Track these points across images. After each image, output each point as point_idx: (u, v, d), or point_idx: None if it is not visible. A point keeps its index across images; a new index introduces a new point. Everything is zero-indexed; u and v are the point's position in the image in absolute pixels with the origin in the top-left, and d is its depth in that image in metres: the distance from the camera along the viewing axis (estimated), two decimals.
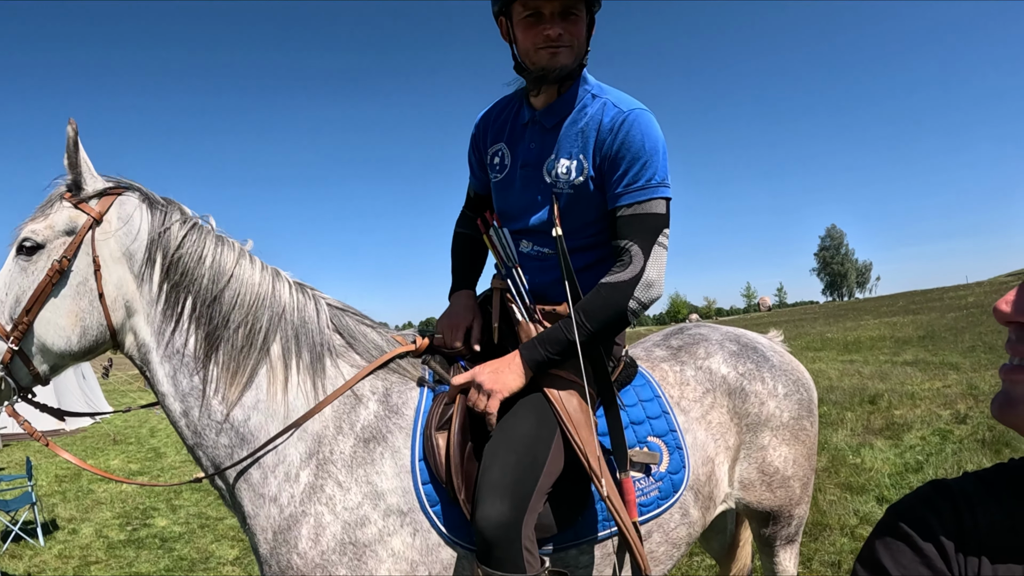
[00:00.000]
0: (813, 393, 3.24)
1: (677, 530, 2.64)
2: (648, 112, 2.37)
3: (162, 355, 2.33)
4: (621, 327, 2.39)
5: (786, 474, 3.00)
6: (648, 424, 2.65)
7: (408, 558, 2.20)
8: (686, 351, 3.06)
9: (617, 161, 2.32)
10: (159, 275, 2.34)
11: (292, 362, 2.39)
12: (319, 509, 2.20)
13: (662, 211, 2.33)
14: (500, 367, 2.31)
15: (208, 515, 8.41)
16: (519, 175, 2.52)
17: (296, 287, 2.52)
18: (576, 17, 2.30)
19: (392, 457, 2.30)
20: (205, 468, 2.36)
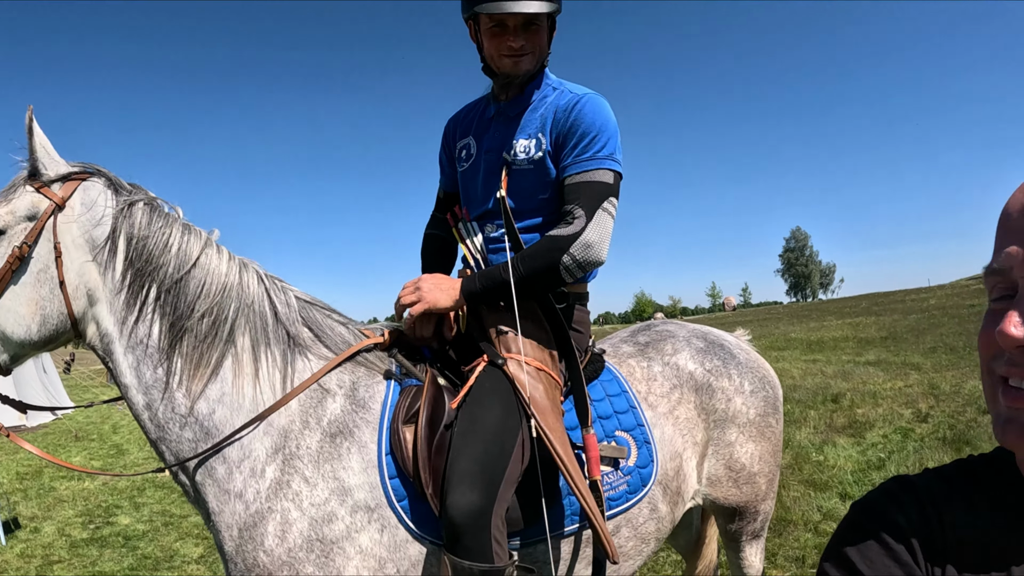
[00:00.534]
0: (778, 391, 3.28)
1: (646, 525, 2.65)
2: (601, 97, 2.55)
3: (125, 345, 2.27)
4: (554, 279, 2.43)
5: (752, 470, 3.03)
6: (616, 419, 2.67)
7: (376, 555, 2.18)
8: (653, 347, 3.08)
9: (570, 136, 2.47)
10: (122, 262, 2.28)
11: (259, 354, 2.35)
12: (285, 505, 2.16)
13: (609, 181, 2.45)
14: (441, 283, 2.47)
15: (172, 513, 8.31)
16: (483, 160, 2.66)
17: (264, 278, 2.47)
18: (537, 28, 2.48)
19: (359, 452, 2.28)
20: (168, 463, 2.30)
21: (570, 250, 2.37)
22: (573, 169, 2.46)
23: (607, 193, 2.44)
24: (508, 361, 2.42)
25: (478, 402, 2.32)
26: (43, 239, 2.24)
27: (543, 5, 2.40)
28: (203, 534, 7.41)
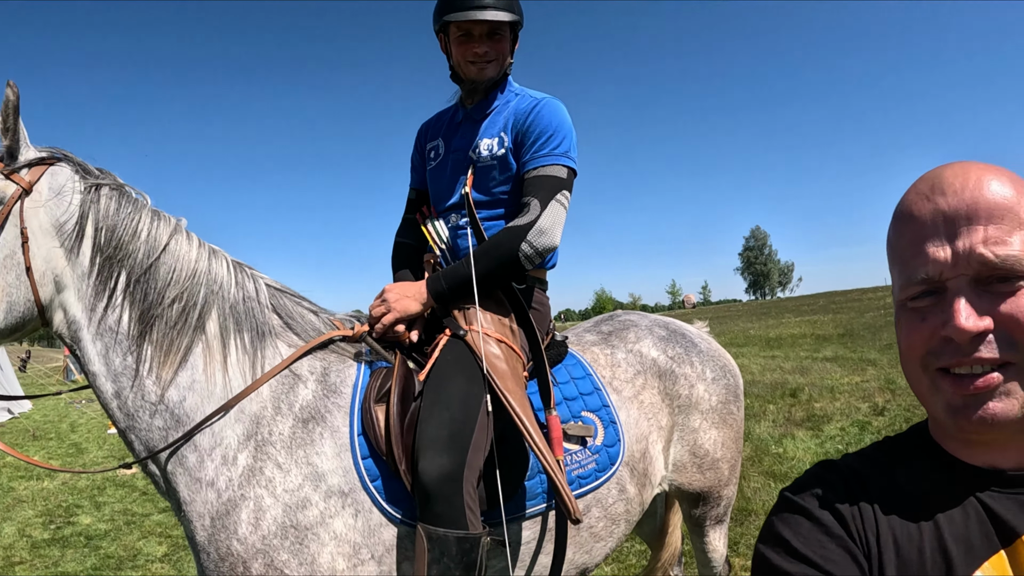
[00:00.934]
0: (739, 379, 3.38)
1: (615, 506, 2.71)
2: (559, 101, 2.77)
3: (94, 332, 2.25)
4: (514, 268, 2.57)
5: (715, 456, 3.10)
6: (581, 400, 2.75)
7: (350, 540, 2.18)
8: (616, 336, 3.17)
9: (529, 135, 2.67)
10: (91, 248, 2.26)
11: (229, 341, 2.34)
12: (259, 492, 2.15)
13: (563, 175, 2.65)
14: (408, 290, 2.57)
15: (134, 511, 8.22)
16: (451, 159, 2.86)
17: (234, 266, 2.48)
18: (501, 37, 2.73)
19: (332, 437, 2.29)
20: (137, 453, 2.27)
21: (527, 237, 2.53)
22: (531, 165, 2.66)
23: (560, 186, 2.63)
24: (469, 332, 2.50)
25: (442, 373, 2.39)
26: (9, 224, 2.20)
27: (505, 15, 2.64)
28: (166, 532, 7.35)
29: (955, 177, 0.98)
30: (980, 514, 0.98)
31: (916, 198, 1.01)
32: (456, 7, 2.64)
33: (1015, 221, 0.94)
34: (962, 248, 0.94)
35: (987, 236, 0.93)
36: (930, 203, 0.98)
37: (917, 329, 1.00)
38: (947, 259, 0.95)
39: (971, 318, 0.92)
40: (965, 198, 0.95)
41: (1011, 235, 0.93)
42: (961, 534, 0.97)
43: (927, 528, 0.99)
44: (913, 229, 1.00)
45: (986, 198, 0.94)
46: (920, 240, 0.98)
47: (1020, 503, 0.97)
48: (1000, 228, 0.93)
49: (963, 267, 0.94)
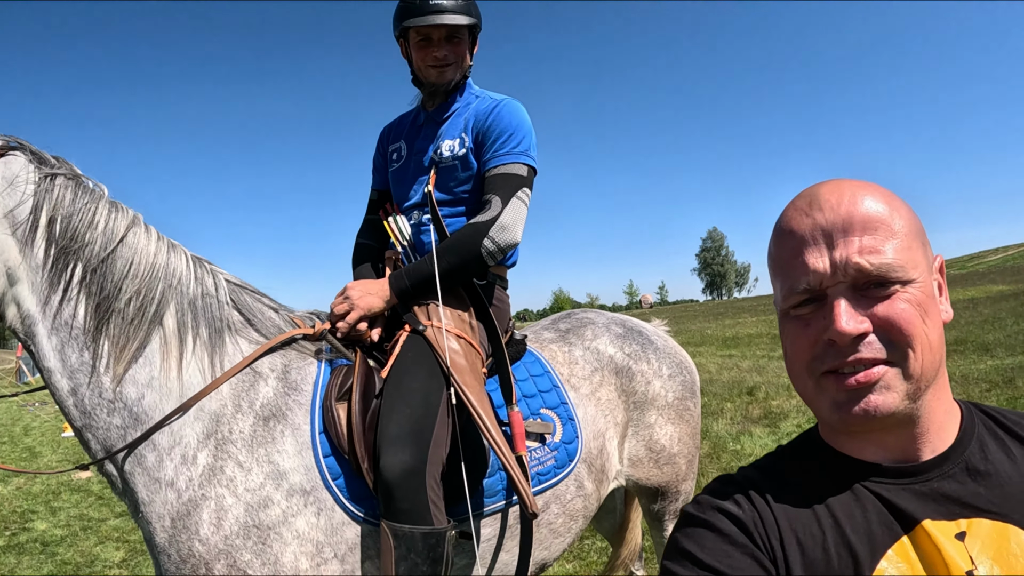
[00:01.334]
0: (695, 376, 3.43)
1: (573, 502, 2.74)
2: (517, 102, 2.84)
3: (49, 327, 2.18)
4: (477, 264, 2.63)
5: (672, 451, 3.15)
6: (540, 397, 2.78)
7: (313, 539, 2.17)
8: (574, 333, 3.21)
9: (489, 135, 2.73)
10: (44, 239, 2.18)
11: (188, 337, 2.30)
12: (220, 492, 2.12)
13: (523, 173, 2.71)
14: (370, 288, 2.59)
15: (90, 516, 8.10)
16: (413, 160, 2.90)
17: (193, 260, 2.43)
18: (459, 40, 2.79)
19: (293, 435, 2.27)
20: (94, 452, 2.21)
21: (489, 233, 2.59)
22: (492, 163, 2.71)
23: (521, 184, 2.70)
24: (429, 328, 2.52)
25: (403, 370, 2.41)
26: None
27: (463, 19, 2.71)
28: (124, 537, 7.25)
29: (831, 193, 1.05)
30: (877, 505, 1.03)
31: (795, 214, 1.08)
32: (415, 12, 2.69)
33: (887, 232, 1.01)
34: (840, 258, 1.01)
35: (862, 246, 1.00)
36: (809, 218, 1.05)
37: (802, 335, 1.06)
38: (826, 269, 1.01)
39: (851, 321, 0.99)
40: (841, 213, 1.02)
41: (884, 245, 1.00)
42: (862, 527, 1.02)
43: (828, 526, 1.03)
44: (793, 242, 1.06)
45: (860, 212, 1.02)
46: (800, 252, 1.05)
47: (913, 492, 1.03)
48: (874, 239, 1.00)
49: (841, 275, 1.01)
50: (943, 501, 1.03)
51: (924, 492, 1.04)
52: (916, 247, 1.04)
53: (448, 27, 2.73)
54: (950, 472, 1.05)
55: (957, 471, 1.05)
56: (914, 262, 1.02)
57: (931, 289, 1.05)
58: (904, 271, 1.00)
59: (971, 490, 1.03)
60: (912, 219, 1.06)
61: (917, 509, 1.02)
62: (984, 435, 1.10)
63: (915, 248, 1.04)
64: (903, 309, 1.00)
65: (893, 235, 1.01)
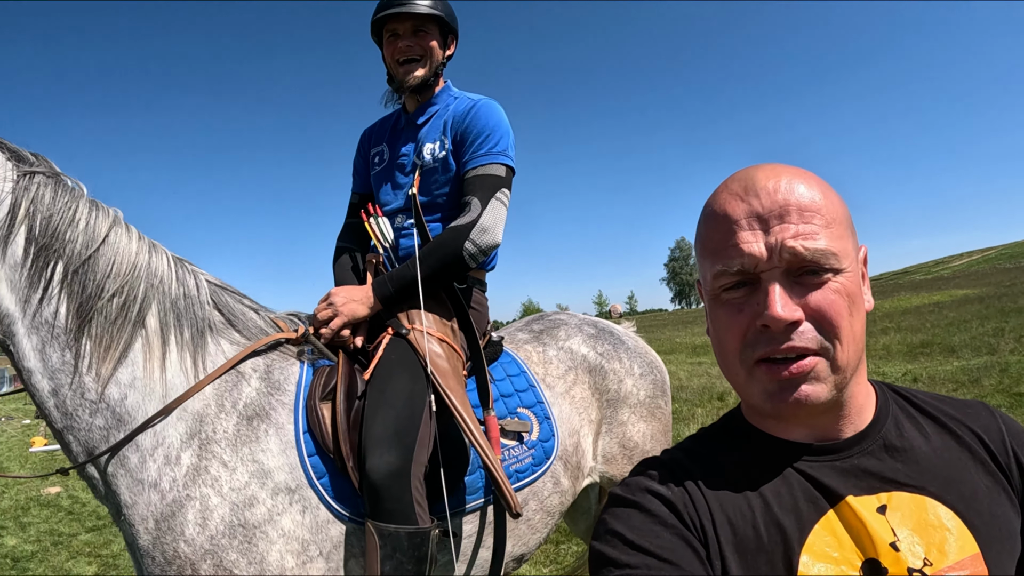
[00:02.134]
0: (666, 375, 3.49)
1: (551, 498, 2.78)
2: (495, 102, 2.88)
3: (29, 326, 2.12)
4: (458, 267, 2.66)
5: (645, 448, 3.20)
6: (517, 396, 2.82)
7: (299, 537, 2.17)
8: (547, 334, 3.26)
9: (467, 136, 2.77)
10: (24, 236, 2.13)
11: (170, 337, 2.28)
12: (205, 491, 2.10)
13: (501, 174, 2.74)
14: (354, 294, 2.60)
15: (61, 531, 7.97)
16: (395, 163, 2.94)
17: (174, 261, 2.42)
18: (425, 33, 2.82)
19: (277, 434, 2.27)
20: (76, 454, 2.16)
21: (470, 236, 2.61)
22: (470, 165, 2.73)
23: (500, 184, 2.72)
24: (411, 331, 2.56)
25: (386, 372, 2.44)
26: None
27: (425, 8, 2.77)
28: (96, 552, 7.16)
29: (767, 179, 1.06)
30: (803, 483, 1.07)
31: (729, 197, 1.08)
32: (383, 7, 2.79)
33: (822, 220, 1.03)
34: (775, 243, 1.02)
35: (798, 232, 1.01)
36: (744, 203, 1.05)
37: (734, 320, 1.07)
38: (762, 253, 1.02)
39: (786, 308, 1.00)
40: (778, 199, 1.03)
41: (819, 232, 1.02)
42: (789, 504, 1.05)
43: (756, 503, 1.06)
44: (727, 225, 1.06)
45: (796, 199, 1.03)
46: (734, 235, 1.05)
47: (836, 469, 1.08)
48: (810, 226, 1.02)
49: (776, 259, 1.02)
50: (864, 476, 1.07)
51: (846, 468, 1.08)
52: (847, 236, 1.07)
53: (413, 18, 2.78)
54: (869, 449, 1.09)
55: (875, 448, 1.10)
56: (846, 251, 1.04)
57: (858, 279, 1.08)
58: (837, 259, 1.02)
59: (889, 465, 1.08)
60: (843, 209, 1.09)
61: (840, 485, 1.06)
62: (899, 414, 1.16)
63: (846, 237, 1.06)
64: (833, 301, 1.02)
65: (827, 223, 1.03)
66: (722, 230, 1.07)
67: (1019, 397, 8.50)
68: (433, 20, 2.83)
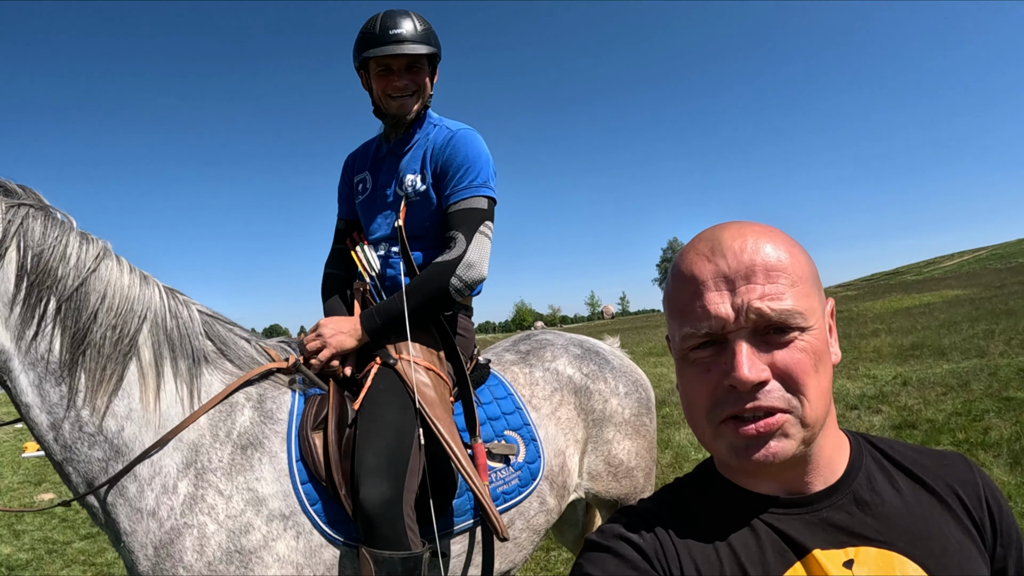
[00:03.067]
0: (650, 392, 3.55)
1: (537, 517, 2.85)
2: (474, 131, 2.92)
3: (24, 362, 2.15)
4: (445, 301, 2.72)
5: (630, 465, 3.27)
6: (504, 419, 2.89)
7: (293, 561, 2.23)
8: (534, 355, 3.33)
9: (447, 169, 2.80)
10: (15, 272, 2.14)
11: (164, 368, 2.32)
12: (202, 519, 2.17)
13: (484, 207, 2.80)
14: (342, 326, 2.66)
15: (55, 539, 7.98)
16: (378, 193, 2.99)
17: (166, 291, 2.45)
18: (419, 69, 2.85)
19: (270, 462, 2.33)
20: (75, 485, 2.22)
21: (456, 272, 2.67)
22: (453, 199, 2.78)
23: (483, 217, 2.78)
24: (399, 361, 2.61)
25: (375, 401, 2.50)
26: None
27: (422, 48, 2.77)
28: (90, 560, 7.17)
29: (733, 240, 1.07)
30: (771, 535, 1.09)
31: (697, 258, 1.09)
32: (375, 43, 2.75)
33: (788, 280, 1.04)
34: (742, 304, 1.03)
35: (764, 293, 1.03)
36: (711, 264, 1.07)
37: (702, 380, 1.08)
38: (728, 315, 1.04)
39: (753, 369, 1.02)
40: (744, 260, 1.05)
41: (785, 292, 1.03)
42: (756, 556, 1.07)
43: (725, 553, 1.08)
44: (694, 287, 1.08)
45: (761, 259, 1.05)
46: (701, 296, 1.07)
47: (804, 521, 1.09)
48: (776, 286, 1.03)
49: (743, 320, 1.03)
50: (831, 530, 1.08)
51: (814, 522, 1.09)
52: (813, 294, 1.08)
53: (408, 56, 2.79)
54: (839, 503, 1.11)
55: (845, 502, 1.11)
56: (812, 309, 1.06)
57: (825, 335, 1.09)
58: (803, 318, 1.04)
59: (858, 520, 1.09)
60: (809, 266, 1.11)
61: (808, 538, 1.07)
62: (872, 467, 1.17)
63: (812, 295, 1.08)
64: (799, 360, 1.03)
65: (793, 283, 1.05)
66: (689, 291, 1.09)
67: (1008, 401, 8.51)
68: (427, 56, 2.86)
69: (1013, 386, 9.31)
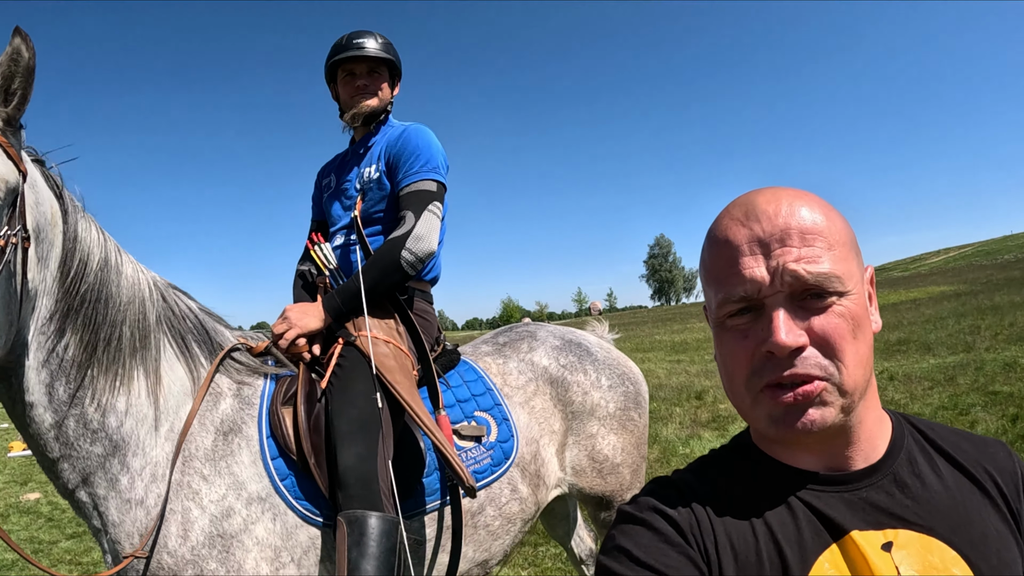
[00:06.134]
0: (641, 387, 3.52)
1: (509, 505, 2.86)
2: (424, 126, 3.16)
3: (40, 360, 2.09)
4: (399, 275, 2.84)
5: (615, 461, 3.26)
6: (474, 401, 2.96)
7: (271, 544, 2.27)
8: (511, 347, 3.36)
9: (399, 158, 3.02)
10: (56, 261, 2.10)
11: (161, 364, 2.36)
12: (186, 505, 2.20)
13: (432, 189, 2.97)
14: (307, 309, 2.79)
15: (40, 539, 7.88)
16: (340, 188, 3.25)
17: (166, 288, 2.51)
18: (378, 75, 3.19)
19: (247, 446, 2.39)
20: (66, 481, 2.19)
21: (406, 245, 2.81)
22: (404, 183, 2.98)
23: (431, 198, 2.95)
24: (359, 337, 2.71)
25: (343, 377, 2.60)
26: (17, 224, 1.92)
27: (381, 53, 3.12)
28: (76, 559, 7.11)
29: (768, 203, 1.05)
30: (807, 514, 1.05)
31: (731, 223, 1.07)
32: (340, 51, 3.12)
33: (825, 243, 1.01)
34: (777, 266, 1.01)
35: (800, 256, 1.00)
36: (745, 228, 1.04)
37: (740, 347, 1.06)
38: (764, 278, 1.01)
39: (790, 334, 0.99)
40: (779, 224, 1.03)
41: (822, 255, 1.01)
42: (792, 534, 1.04)
43: (761, 531, 1.05)
44: (729, 252, 1.05)
45: (797, 223, 1.02)
46: (737, 262, 1.04)
47: (844, 500, 1.06)
48: (812, 250, 1.01)
49: (779, 284, 1.01)
50: (871, 511, 1.05)
51: (853, 501, 1.06)
52: (851, 258, 1.05)
53: (368, 60, 3.13)
54: (879, 483, 1.07)
55: (886, 482, 1.07)
56: (850, 273, 1.03)
57: (864, 300, 1.06)
58: (840, 282, 1.01)
59: (898, 501, 1.06)
60: (847, 230, 1.07)
61: (846, 518, 1.04)
62: (913, 448, 1.13)
63: (850, 259, 1.04)
64: (837, 325, 1.00)
65: (830, 246, 1.02)
66: (724, 257, 1.07)
67: (994, 396, 8.57)
68: (384, 63, 3.18)
69: (999, 380, 9.39)
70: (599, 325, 4.03)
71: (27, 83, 1.94)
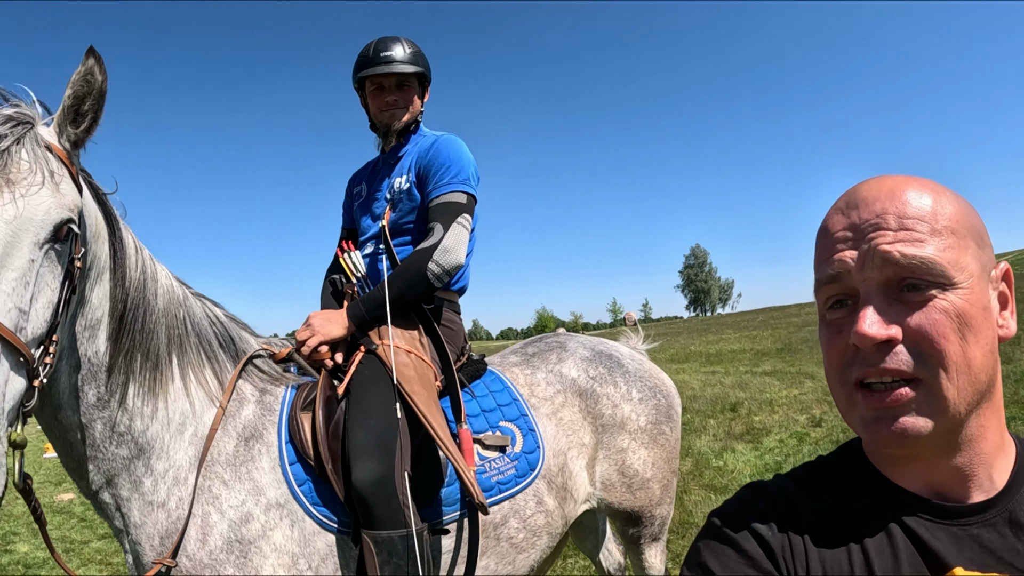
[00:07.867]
0: (673, 399, 3.44)
1: (534, 517, 2.81)
2: (456, 137, 3.14)
3: (72, 364, 2.09)
4: (425, 286, 2.82)
5: (645, 476, 3.19)
6: (499, 411, 2.92)
7: (289, 551, 2.27)
8: (539, 357, 3.32)
9: (430, 169, 3.00)
10: (101, 273, 2.13)
11: (187, 369, 2.39)
12: (206, 509, 2.23)
13: (462, 201, 2.95)
14: (331, 317, 2.79)
15: (72, 539, 8.02)
16: (371, 197, 3.24)
17: (197, 297, 2.58)
18: (408, 87, 3.15)
19: (267, 452, 2.40)
20: (90, 482, 2.22)
21: (433, 257, 2.79)
22: (434, 194, 2.96)
23: (461, 210, 2.92)
24: (380, 346, 2.70)
25: (362, 385, 2.60)
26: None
27: (410, 68, 3.06)
28: (107, 559, 7.20)
29: (868, 190, 0.99)
30: (909, 546, 0.97)
31: (833, 212, 1.02)
32: (368, 64, 3.08)
33: (927, 227, 0.93)
34: (868, 249, 0.95)
35: (896, 238, 0.93)
36: (844, 216, 1.00)
37: (834, 341, 1.00)
38: (853, 258, 0.96)
39: (875, 325, 0.92)
40: (875, 208, 0.96)
41: (924, 240, 0.93)
42: (890, 566, 0.96)
43: (857, 560, 0.97)
44: (826, 240, 1.02)
45: (896, 207, 0.95)
46: (831, 248, 1.00)
47: (951, 534, 0.97)
48: (911, 234, 0.93)
49: (869, 268, 0.94)
50: (978, 551, 0.95)
51: (961, 536, 0.96)
52: (965, 248, 0.95)
53: (397, 75, 3.09)
54: (992, 520, 0.97)
55: (1000, 520, 0.97)
56: (959, 264, 0.93)
57: (981, 299, 0.95)
58: (943, 272, 0.92)
59: (1010, 544, 0.95)
60: (964, 216, 0.98)
61: (951, 554, 0.95)
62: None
63: (964, 249, 0.95)
64: (936, 321, 0.91)
65: (934, 231, 0.94)
66: (820, 245, 1.04)
67: None
68: (414, 75, 3.13)
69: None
70: (633, 336, 3.96)
71: (98, 106, 1.95)
